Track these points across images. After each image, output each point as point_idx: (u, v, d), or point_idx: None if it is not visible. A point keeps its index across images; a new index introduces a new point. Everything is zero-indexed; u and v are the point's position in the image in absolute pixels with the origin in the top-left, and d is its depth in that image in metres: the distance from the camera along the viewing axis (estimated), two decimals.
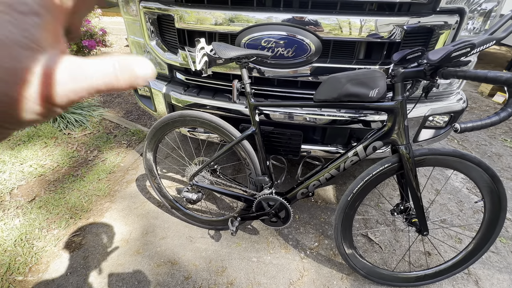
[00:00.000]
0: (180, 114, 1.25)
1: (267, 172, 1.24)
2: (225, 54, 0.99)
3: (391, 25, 1.05)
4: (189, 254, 1.40)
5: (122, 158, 2.09)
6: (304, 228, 1.57)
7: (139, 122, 2.65)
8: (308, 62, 1.17)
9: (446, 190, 1.87)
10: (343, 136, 1.36)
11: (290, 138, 1.30)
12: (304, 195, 1.22)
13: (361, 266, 1.24)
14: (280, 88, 1.30)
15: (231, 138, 1.21)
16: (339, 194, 1.83)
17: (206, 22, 1.19)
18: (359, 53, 1.18)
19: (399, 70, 0.89)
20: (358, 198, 1.12)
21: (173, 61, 1.37)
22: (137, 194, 1.76)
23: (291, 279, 1.30)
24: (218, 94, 1.39)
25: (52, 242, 1.43)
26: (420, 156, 1.01)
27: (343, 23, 1.07)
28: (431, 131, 1.35)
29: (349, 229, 1.19)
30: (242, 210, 1.42)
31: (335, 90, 0.94)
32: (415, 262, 1.40)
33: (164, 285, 1.26)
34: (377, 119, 1.22)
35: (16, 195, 1.69)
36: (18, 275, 1.26)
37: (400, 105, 0.93)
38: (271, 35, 1.12)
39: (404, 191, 1.13)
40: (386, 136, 1.00)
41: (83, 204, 1.65)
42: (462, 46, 0.75)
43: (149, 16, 1.34)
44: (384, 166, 1.04)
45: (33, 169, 1.89)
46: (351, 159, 1.08)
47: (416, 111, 1.22)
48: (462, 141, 2.47)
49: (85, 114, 2.50)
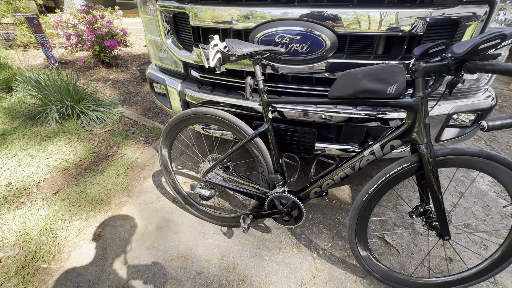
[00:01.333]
0: (194, 111, 1.27)
1: (279, 170, 1.23)
2: (238, 51, 0.99)
3: (413, 18, 1.00)
4: (201, 249, 1.42)
5: (140, 154, 2.15)
6: (317, 228, 1.54)
7: (156, 119, 2.72)
8: (323, 58, 1.14)
9: (471, 193, 1.76)
10: (359, 135, 1.31)
11: (304, 136, 1.28)
12: (317, 194, 1.20)
13: (376, 269, 1.20)
14: (293, 85, 1.28)
15: (244, 136, 1.21)
16: (354, 194, 1.78)
17: (220, 19, 1.19)
18: (377, 47, 1.13)
19: (420, 65, 0.84)
20: (374, 199, 1.08)
21: (188, 58, 1.38)
22: (153, 190, 1.81)
23: (303, 279, 1.28)
24: (232, 91, 1.40)
25: (73, 233, 1.50)
26: (442, 156, 0.96)
27: (362, 17, 1.03)
28: (455, 130, 1.27)
29: (364, 231, 1.15)
30: (254, 208, 1.42)
31: (351, 87, 0.91)
32: (435, 268, 1.33)
33: (177, 278, 1.28)
34: (395, 116, 1.17)
35: (42, 188, 1.79)
36: (43, 263, 1.34)
37: (421, 102, 0.88)
38: (285, 31, 1.10)
39: (424, 192, 1.07)
40: (405, 134, 0.95)
41: (103, 198, 1.72)
42: (491, 38, 0.70)
43: (165, 14, 1.36)
44: (402, 166, 0.99)
45: (58, 163, 1.99)
46: (367, 158, 1.04)
47: (438, 108, 1.15)
48: (490, 141, 2.32)
49: (106, 111, 2.61)
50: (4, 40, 5.16)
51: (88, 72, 3.90)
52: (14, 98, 2.86)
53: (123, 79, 3.72)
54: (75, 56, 4.64)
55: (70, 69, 3.92)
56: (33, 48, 5.07)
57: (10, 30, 5.47)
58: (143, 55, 4.86)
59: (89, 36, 3.66)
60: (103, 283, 1.26)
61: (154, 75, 1.59)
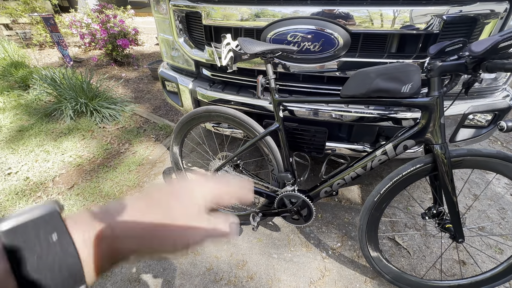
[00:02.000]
0: (206, 109, 1.28)
1: (290, 169, 1.23)
2: (250, 49, 0.99)
3: (429, 16, 0.98)
4: (211, 246, 1.44)
5: (151, 151, 2.19)
6: (327, 228, 1.54)
7: (167, 117, 2.76)
8: (335, 57, 1.13)
9: (486, 195, 1.72)
10: (371, 134, 1.30)
11: (315, 135, 1.27)
12: (327, 193, 1.19)
13: (386, 270, 1.18)
14: (305, 84, 1.27)
15: (254, 134, 1.21)
16: (365, 195, 1.76)
17: (232, 18, 1.20)
18: (391, 46, 1.11)
19: (436, 64, 0.83)
20: (385, 199, 1.07)
21: (199, 57, 1.40)
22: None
23: (311, 278, 1.28)
24: (243, 90, 1.40)
25: None
26: (457, 157, 0.94)
27: (375, 15, 1.02)
28: (470, 130, 1.24)
29: (374, 231, 1.14)
30: (264, 206, 1.43)
31: (364, 86, 0.90)
32: (447, 271, 1.31)
33: (187, 274, 1.31)
34: (409, 116, 1.15)
35: (58, 182, 1.85)
36: None
37: (436, 101, 0.87)
38: (298, 29, 1.10)
39: (437, 194, 1.05)
40: (420, 134, 0.93)
41: (115, 193, 1.77)
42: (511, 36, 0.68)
43: (178, 13, 1.38)
44: (415, 167, 0.97)
45: (72, 159, 2.05)
46: (379, 158, 1.03)
47: (454, 108, 1.13)
48: (507, 142, 2.25)
49: (118, 109, 2.66)
50: (22, 39, 5.33)
51: (101, 70, 3.99)
52: (31, 95, 2.96)
53: (135, 77, 3.79)
54: (89, 54, 4.75)
55: (84, 68, 4.01)
56: (49, 47, 5.22)
57: (27, 30, 5.64)
58: (154, 53, 4.93)
59: (102, 35, 3.74)
60: (116, 276, 1.30)
61: (166, 74, 1.61)
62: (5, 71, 3.52)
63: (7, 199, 1.67)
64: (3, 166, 1.95)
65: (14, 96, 2.99)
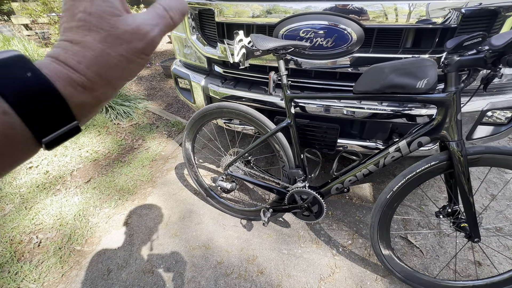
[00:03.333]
0: (218, 105, 1.30)
1: (301, 165, 1.23)
2: (263, 46, 1.00)
3: (446, 9, 0.95)
4: (222, 240, 1.47)
5: (163, 147, 2.24)
6: (337, 225, 1.53)
7: (179, 114, 2.80)
8: (348, 52, 1.12)
9: (505, 195, 1.66)
10: (384, 131, 1.28)
11: (326, 132, 1.27)
12: (338, 190, 1.19)
13: (398, 268, 1.17)
14: (317, 80, 1.27)
15: (265, 130, 1.22)
16: (376, 193, 1.74)
17: (244, 15, 1.21)
18: (406, 41, 1.09)
19: (453, 58, 0.81)
20: (398, 197, 1.06)
21: (212, 54, 1.41)
22: (176, 181, 1.88)
23: (321, 275, 1.29)
24: (254, 86, 1.41)
25: (103, 219, 1.60)
26: (474, 155, 0.91)
27: (389, 9, 1.00)
28: (489, 128, 1.20)
29: (386, 229, 1.13)
30: (274, 202, 1.44)
31: (378, 81, 0.89)
32: (462, 271, 1.28)
33: (199, 267, 1.34)
34: (424, 113, 1.12)
35: (75, 176, 1.92)
36: (77, 245, 1.45)
37: (453, 97, 0.85)
38: (310, 25, 1.09)
39: (452, 192, 1.03)
40: (435, 131, 0.92)
41: (129, 188, 1.82)
42: None
43: (191, 11, 1.40)
44: (430, 164, 0.95)
45: (89, 154, 2.12)
46: (392, 155, 1.01)
47: (471, 105, 1.09)
48: None
49: (132, 106, 2.73)
50: (40, 39, 5.53)
51: None
52: None
53: (147, 75, 3.86)
54: None
55: None
56: None
57: (45, 30, 5.84)
58: (166, 51, 5.00)
59: None
60: (131, 267, 1.34)
61: (179, 71, 1.64)
62: None
63: (28, 191, 1.75)
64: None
65: None
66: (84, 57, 0.21)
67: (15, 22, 6.38)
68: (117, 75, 0.23)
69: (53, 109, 0.20)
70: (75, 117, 0.21)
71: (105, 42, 0.21)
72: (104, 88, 0.22)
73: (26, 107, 0.18)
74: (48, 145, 0.20)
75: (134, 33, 0.22)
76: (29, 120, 0.19)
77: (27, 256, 1.39)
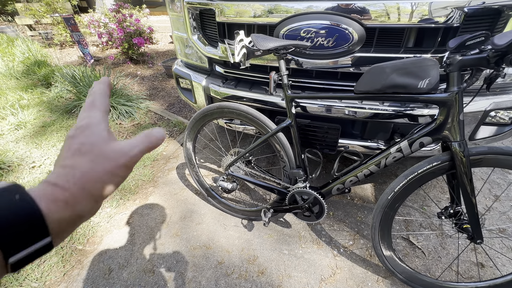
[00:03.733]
0: (218, 105, 1.30)
1: (301, 166, 1.23)
2: (263, 46, 0.99)
3: (449, 8, 0.94)
4: (222, 240, 1.47)
5: (165, 147, 2.25)
6: (339, 226, 1.53)
7: (180, 114, 2.81)
8: (349, 52, 1.11)
9: (508, 196, 1.64)
10: (385, 131, 1.27)
11: (327, 132, 1.26)
12: (340, 191, 1.18)
13: (400, 269, 1.16)
14: (318, 80, 1.26)
15: (266, 130, 1.22)
16: (378, 194, 1.73)
17: (245, 15, 1.20)
18: (408, 40, 1.08)
19: (455, 58, 0.80)
20: (399, 198, 1.05)
21: (213, 54, 1.41)
22: (177, 181, 1.88)
23: (322, 275, 1.28)
24: (255, 86, 1.41)
25: (105, 218, 1.61)
26: (477, 155, 0.90)
27: (391, 8, 0.99)
28: (492, 128, 1.19)
29: (388, 230, 1.12)
30: (275, 202, 1.43)
31: (379, 81, 0.89)
32: (464, 273, 1.27)
33: (199, 266, 1.34)
34: (426, 113, 1.11)
35: None
36: (79, 245, 1.46)
37: (455, 97, 0.84)
38: (311, 25, 1.09)
39: (455, 193, 1.02)
40: (437, 131, 0.91)
41: (131, 187, 1.83)
42: None
43: (192, 11, 1.40)
44: (432, 164, 0.95)
45: None
46: (393, 156, 1.01)
47: (474, 105, 1.08)
48: None
49: (134, 106, 2.74)
50: (44, 39, 5.57)
51: (117, 68, 4.11)
52: (53, 93, 3.09)
53: (149, 75, 3.87)
54: (106, 53, 4.90)
55: (101, 66, 4.14)
56: (68, 46, 5.42)
57: (48, 30, 5.88)
58: (168, 51, 5.01)
59: (119, 34, 3.85)
60: (132, 266, 1.35)
61: (180, 71, 1.64)
62: (29, 69, 3.70)
63: None
64: (28, 160, 2.06)
65: (37, 93, 3.14)
66: (73, 176, 0.24)
67: (19, 23, 6.43)
68: (100, 188, 0.26)
69: (28, 227, 0.21)
70: (49, 233, 0.22)
71: (93, 162, 0.25)
72: (85, 202, 0.25)
73: (1, 227, 0.20)
74: (14, 266, 0.21)
75: (118, 152, 0.27)
76: (2, 238, 0.20)
77: None
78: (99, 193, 0.26)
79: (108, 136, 0.28)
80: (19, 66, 3.81)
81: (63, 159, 0.25)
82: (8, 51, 4.24)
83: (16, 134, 2.41)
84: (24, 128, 2.48)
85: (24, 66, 3.79)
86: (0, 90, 3.17)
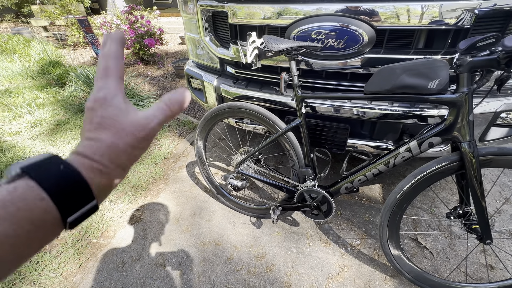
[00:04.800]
0: (229, 105, 1.33)
1: (310, 164, 1.25)
2: (275, 47, 1.02)
3: (459, 10, 0.95)
4: (231, 237, 1.50)
5: (175, 146, 2.30)
6: (346, 225, 1.54)
7: (190, 114, 2.86)
8: (359, 53, 1.13)
9: None
10: (394, 132, 1.28)
11: (336, 132, 1.28)
12: (348, 190, 1.20)
13: (407, 269, 1.17)
14: (327, 80, 1.28)
15: (276, 129, 1.25)
16: (386, 194, 1.73)
17: (257, 17, 1.23)
18: (418, 42, 1.09)
19: (466, 59, 0.81)
20: (408, 197, 1.06)
21: (224, 55, 1.45)
22: (187, 179, 1.93)
23: (330, 273, 1.30)
24: (265, 86, 1.44)
25: (118, 214, 1.66)
26: (486, 156, 0.91)
27: (401, 10, 1.01)
28: (503, 129, 1.19)
29: (396, 229, 1.13)
30: (284, 201, 1.46)
31: (389, 82, 0.90)
32: (473, 274, 1.27)
33: (209, 262, 1.37)
34: (435, 114, 1.12)
35: None
36: (93, 238, 1.51)
37: (465, 98, 0.85)
38: (321, 27, 1.11)
39: (464, 193, 1.02)
40: (447, 132, 0.92)
41: (142, 184, 1.88)
42: None
43: (204, 13, 1.44)
44: (441, 164, 0.96)
45: None
46: (402, 155, 1.02)
47: (485, 106, 1.09)
48: None
49: (145, 105, 2.80)
50: (58, 40, 5.73)
51: (128, 69, 4.20)
52: (67, 92, 3.19)
53: (159, 75, 3.95)
54: None
55: None
56: (81, 47, 5.57)
57: (62, 31, 6.05)
58: (178, 52, 5.09)
59: (130, 35, 3.94)
60: (144, 260, 1.39)
61: (192, 71, 1.69)
62: (44, 70, 3.82)
63: None
64: None
65: (52, 92, 3.24)
66: (99, 148, 0.27)
67: (34, 24, 6.64)
68: (125, 159, 0.28)
69: (78, 192, 0.24)
70: (94, 196, 0.26)
71: (115, 136, 0.27)
72: (116, 171, 0.28)
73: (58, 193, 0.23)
74: (71, 224, 0.24)
75: (137, 125, 0.28)
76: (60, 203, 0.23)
77: (46, 247, 1.46)
78: (125, 163, 0.28)
79: (125, 108, 0.29)
80: (34, 66, 3.95)
81: (87, 131, 0.27)
82: (24, 51, 4.39)
83: (32, 132, 2.50)
84: (40, 126, 2.57)
85: (40, 66, 3.92)
86: (17, 89, 3.29)
